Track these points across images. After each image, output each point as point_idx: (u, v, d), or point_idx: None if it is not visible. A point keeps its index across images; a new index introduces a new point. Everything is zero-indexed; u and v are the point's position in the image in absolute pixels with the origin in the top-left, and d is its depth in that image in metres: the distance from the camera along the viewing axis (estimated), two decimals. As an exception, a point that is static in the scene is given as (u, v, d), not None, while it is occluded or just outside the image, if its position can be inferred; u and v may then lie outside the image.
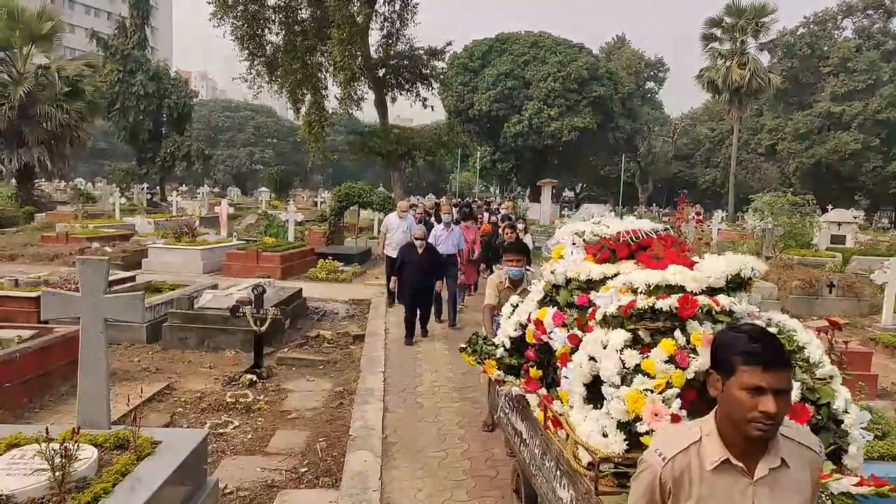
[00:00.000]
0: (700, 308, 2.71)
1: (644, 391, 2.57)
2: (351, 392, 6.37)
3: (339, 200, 18.61)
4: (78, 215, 20.83)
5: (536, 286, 3.88)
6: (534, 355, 3.61)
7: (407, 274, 8.56)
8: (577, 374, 2.90)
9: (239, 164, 61.54)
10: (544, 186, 32.52)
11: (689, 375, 2.58)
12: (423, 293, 8.64)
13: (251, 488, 4.31)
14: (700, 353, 2.60)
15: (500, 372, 3.88)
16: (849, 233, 19.21)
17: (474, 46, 46.84)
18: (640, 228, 3.65)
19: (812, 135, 43.97)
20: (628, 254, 3.52)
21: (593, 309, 3.02)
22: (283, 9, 23.12)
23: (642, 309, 2.75)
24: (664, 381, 2.57)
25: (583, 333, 3.09)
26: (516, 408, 3.83)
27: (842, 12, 47.62)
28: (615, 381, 2.65)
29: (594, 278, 3.35)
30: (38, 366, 5.91)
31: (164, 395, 6.16)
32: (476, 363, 4.20)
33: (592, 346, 2.85)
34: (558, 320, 3.35)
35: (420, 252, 8.58)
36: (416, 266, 8.50)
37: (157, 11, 58.73)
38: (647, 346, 2.70)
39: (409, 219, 11.03)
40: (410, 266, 8.53)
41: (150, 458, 3.02)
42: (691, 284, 2.79)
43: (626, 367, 2.66)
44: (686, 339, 2.65)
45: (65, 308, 3.46)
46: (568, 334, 3.20)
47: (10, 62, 23.42)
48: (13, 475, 2.70)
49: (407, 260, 8.60)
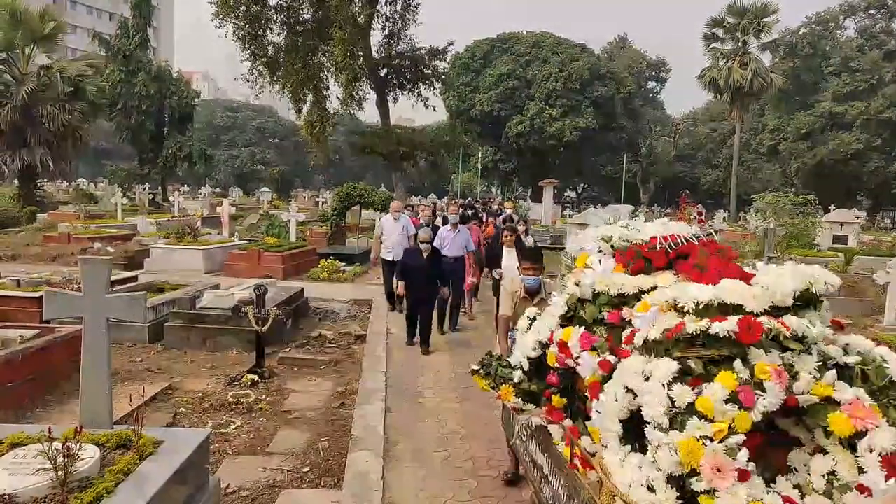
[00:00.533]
0: (765, 333, 2.27)
1: (701, 439, 2.11)
2: (353, 392, 6.37)
3: (340, 201, 18.64)
4: (80, 215, 20.87)
5: (557, 299, 3.41)
6: (556, 380, 3.18)
7: (411, 280, 8.05)
8: (612, 410, 2.48)
9: (241, 164, 61.62)
10: (546, 187, 32.51)
11: (755, 418, 2.13)
12: (427, 301, 8.18)
13: (253, 488, 4.31)
14: (768, 389, 2.15)
15: (519, 399, 3.45)
16: (851, 233, 19.20)
17: (476, 46, 46.90)
18: (679, 233, 3.21)
19: (814, 135, 43.95)
20: (666, 263, 3.09)
21: (631, 332, 2.62)
22: (284, 9, 23.14)
23: (693, 333, 2.31)
24: (726, 426, 2.11)
25: (616, 358, 2.70)
26: (535, 436, 3.38)
27: (844, 12, 47.60)
28: (662, 422, 2.21)
29: (627, 292, 2.97)
30: (41, 365, 5.91)
31: (166, 394, 6.16)
32: (490, 388, 3.72)
33: (630, 376, 2.43)
34: (586, 343, 2.90)
35: (425, 257, 8.05)
36: (421, 272, 7.97)
37: (159, 12, 58.86)
38: (698, 377, 2.26)
39: (403, 220, 10.40)
40: (415, 271, 8.00)
41: (153, 457, 3.02)
42: (751, 303, 2.37)
43: (676, 405, 2.21)
44: (749, 372, 2.21)
45: (67, 308, 3.46)
46: (599, 360, 2.77)
47: (13, 62, 23.47)
48: (15, 474, 2.70)
49: (411, 264, 8.09)
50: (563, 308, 3.25)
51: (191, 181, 51.55)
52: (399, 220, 10.21)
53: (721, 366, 2.25)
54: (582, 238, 3.65)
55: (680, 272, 2.96)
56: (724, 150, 52.53)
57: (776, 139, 46.74)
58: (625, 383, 2.43)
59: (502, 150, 46.76)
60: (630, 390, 2.40)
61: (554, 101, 43.04)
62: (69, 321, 6.95)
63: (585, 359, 2.83)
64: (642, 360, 2.44)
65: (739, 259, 3.32)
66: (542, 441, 3.26)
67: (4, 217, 21.54)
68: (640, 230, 3.35)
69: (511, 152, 46.10)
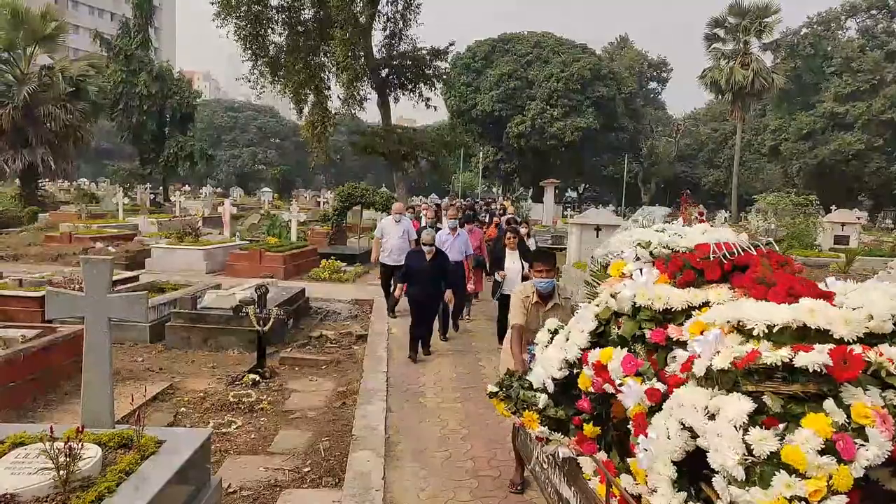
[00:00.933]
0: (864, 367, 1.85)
1: (794, 500, 1.71)
2: (354, 392, 6.37)
3: (341, 201, 18.66)
4: (81, 215, 20.89)
5: (584, 311, 3.02)
6: (589, 407, 2.80)
7: (413, 284, 7.77)
8: (664, 450, 2.10)
9: (242, 164, 61.67)
10: (547, 187, 32.49)
11: (856, 473, 1.71)
12: (430, 305, 7.88)
13: (254, 488, 4.32)
14: (871, 437, 1.74)
15: (545, 428, 3.03)
16: (852, 233, 19.18)
17: (477, 47, 46.93)
18: (733, 241, 2.81)
19: (815, 135, 43.92)
20: (720, 276, 2.68)
21: (688, 357, 2.19)
22: (286, 9, 23.16)
23: (770, 365, 1.91)
24: (823, 484, 1.71)
25: (664, 386, 2.32)
26: (561, 467, 3.00)
27: (845, 12, 47.56)
28: (737, 474, 1.81)
29: (675, 308, 2.55)
30: (42, 365, 5.93)
31: (168, 394, 6.17)
32: (511, 414, 3.28)
33: (689, 412, 2.05)
34: (630, 367, 2.49)
35: (428, 259, 7.76)
36: (424, 275, 7.68)
37: (161, 12, 58.92)
38: (774, 417, 1.86)
39: (405, 222, 10.06)
40: (418, 275, 7.72)
41: (154, 457, 3.03)
42: (841, 328, 1.96)
43: (755, 454, 1.80)
44: (847, 415, 1.79)
45: (69, 307, 3.47)
46: (645, 388, 2.37)
47: (14, 62, 23.52)
48: (17, 474, 2.71)
49: (414, 267, 7.81)
50: (593, 322, 2.87)
51: (192, 181, 51.58)
52: (400, 223, 9.89)
53: (805, 405, 1.85)
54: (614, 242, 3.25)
55: (737, 287, 2.55)
56: (725, 150, 52.52)
57: (777, 139, 46.72)
58: (681, 419, 2.05)
59: (503, 151, 46.78)
60: (688, 428, 2.02)
61: (555, 101, 43.04)
62: (71, 321, 6.96)
63: (631, 387, 2.41)
64: (704, 392, 2.04)
65: None
66: (569, 473, 2.89)
67: (6, 217, 21.57)
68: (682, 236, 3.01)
69: (512, 152, 46.13)
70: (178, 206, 27.29)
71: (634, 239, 3.12)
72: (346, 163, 61.67)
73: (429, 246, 7.82)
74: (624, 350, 2.59)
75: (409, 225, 10.13)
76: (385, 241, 9.83)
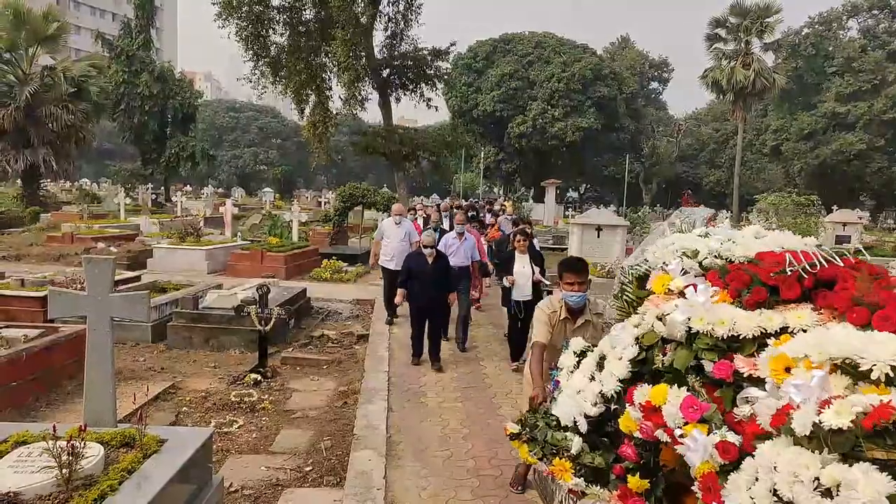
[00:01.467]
0: None
1: None
2: (355, 391, 6.38)
3: (343, 201, 18.67)
4: (83, 215, 20.93)
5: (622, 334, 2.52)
6: (635, 455, 2.27)
7: (414, 288, 7.41)
8: None
9: (243, 164, 61.71)
10: (548, 187, 32.49)
11: None
12: (433, 310, 7.41)
13: (256, 487, 4.33)
14: None
15: (580, 480, 2.43)
16: (854, 233, 19.17)
17: (478, 47, 46.93)
18: (811, 249, 2.34)
19: (817, 135, 43.89)
20: (800, 294, 2.17)
21: (783, 408, 1.68)
22: (287, 9, 23.17)
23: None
24: None
25: (738, 437, 1.84)
26: None
27: (847, 12, 47.52)
28: None
29: (743, 335, 2.07)
30: (44, 364, 5.94)
31: (169, 394, 6.19)
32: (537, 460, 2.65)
33: (786, 480, 1.57)
34: (693, 414, 1.97)
35: (430, 261, 7.41)
36: (425, 278, 7.31)
37: (162, 13, 58.90)
38: None
39: (406, 224, 9.65)
40: (419, 278, 7.34)
41: (156, 456, 3.04)
42: None
43: None
44: None
45: (71, 307, 3.48)
46: (716, 441, 1.85)
47: (16, 63, 23.57)
48: (20, 472, 2.72)
49: (415, 270, 7.42)
50: (634, 349, 2.40)
51: (194, 181, 51.67)
52: (401, 225, 9.50)
53: None
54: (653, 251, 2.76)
55: (824, 308, 2.07)
56: (726, 150, 52.49)
57: (779, 139, 46.68)
58: (774, 487, 1.58)
59: (504, 151, 46.78)
60: (786, 502, 1.55)
61: (556, 101, 43.04)
62: (73, 321, 6.97)
63: (696, 439, 1.90)
64: (811, 457, 1.55)
65: None
66: None
67: (8, 217, 21.62)
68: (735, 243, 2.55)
69: (513, 153, 46.13)
70: (180, 207, 27.33)
71: (678, 247, 2.63)
72: (347, 163, 61.71)
73: (430, 248, 7.44)
74: (682, 390, 2.06)
75: (410, 227, 9.74)
76: (385, 245, 9.45)
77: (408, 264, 7.59)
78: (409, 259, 7.71)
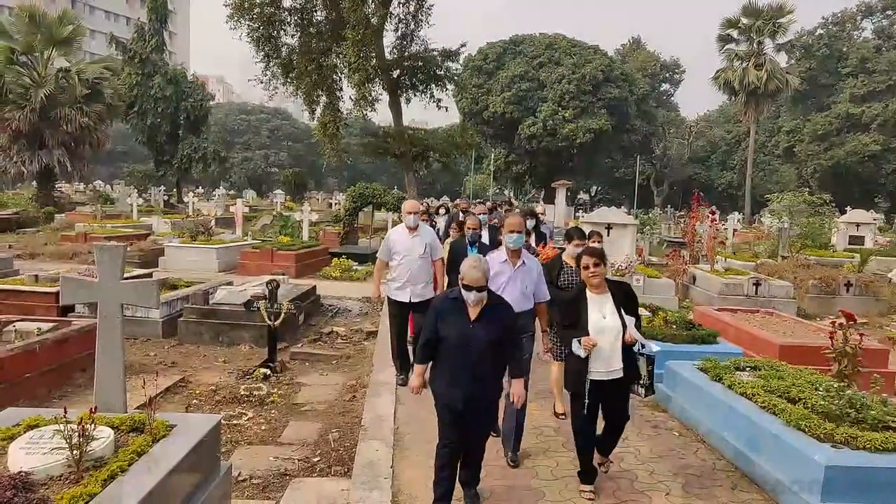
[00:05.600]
0: None
1: None
2: (363, 386, 6.40)
3: (353, 201, 18.73)
4: (96, 216, 21.14)
5: None
6: None
7: (444, 368, 3.85)
8: None
9: (254, 166, 62.04)
10: (559, 188, 32.41)
11: None
12: (475, 417, 3.85)
13: (264, 476, 4.36)
14: None
15: None
16: (868, 233, 19.00)
17: (488, 49, 46.91)
18: None
19: (830, 136, 43.50)
20: None
21: None
22: (298, 11, 23.30)
23: None
24: None
25: None
26: None
27: (861, 13, 47.14)
28: None
29: None
30: (57, 357, 6.01)
31: (180, 387, 6.24)
32: None
33: None
34: None
35: (474, 315, 3.79)
36: (467, 350, 3.75)
37: (175, 17, 59.37)
38: None
39: (426, 234, 6.41)
40: (454, 349, 3.78)
41: (165, 440, 3.07)
42: None
43: None
44: None
45: (83, 293, 3.53)
46: None
47: (32, 65, 23.86)
48: (32, 454, 2.76)
49: (445, 326, 3.81)
50: None
51: (205, 184, 51.97)
52: (419, 236, 6.29)
53: None
54: None
55: None
56: (738, 152, 52.14)
57: (792, 141, 46.31)
58: None
59: (515, 152, 46.71)
60: None
61: (567, 102, 42.92)
62: (85, 315, 7.05)
63: None
64: None
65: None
66: None
67: (23, 217, 21.87)
68: None
69: (523, 154, 46.04)
70: (191, 207, 27.55)
71: None
72: (357, 166, 61.82)
73: (476, 291, 3.75)
74: None
75: (432, 238, 6.52)
76: (396, 266, 6.24)
77: (435, 315, 3.89)
78: (438, 307, 3.94)
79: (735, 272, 12.17)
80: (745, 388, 4.87)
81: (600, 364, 4.07)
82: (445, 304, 3.92)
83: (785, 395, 4.65)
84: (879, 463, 3.77)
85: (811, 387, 4.69)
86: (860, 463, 3.76)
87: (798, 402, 4.49)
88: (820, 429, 4.02)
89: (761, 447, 4.38)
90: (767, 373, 5.24)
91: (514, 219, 4.98)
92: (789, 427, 4.20)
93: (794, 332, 7.56)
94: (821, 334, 7.10)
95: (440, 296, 4.47)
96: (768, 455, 4.30)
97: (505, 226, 4.95)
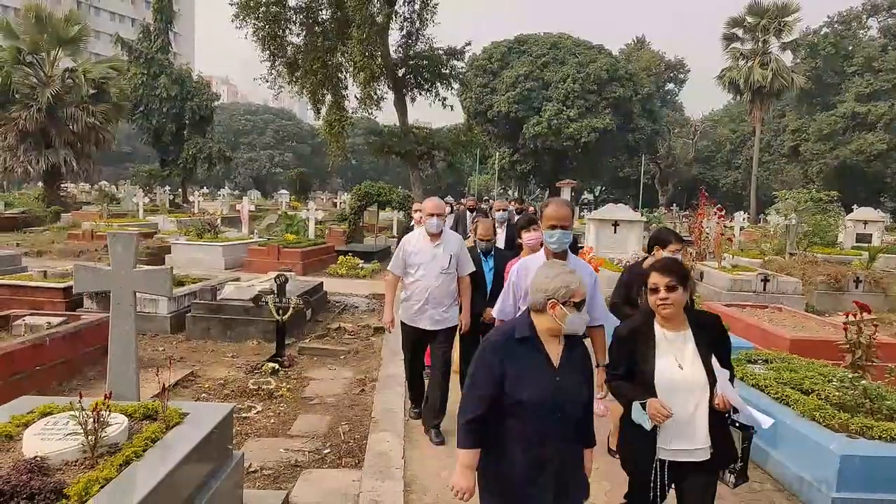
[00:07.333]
0: None
1: None
2: (372, 380, 6.40)
3: (358, 199, 18.74)
4: (103, 215, 21.19)
5: None
6: None
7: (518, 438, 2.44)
8: None
9: (259, 166, 62.17)
10: (563, 187, 32.42)
11: None
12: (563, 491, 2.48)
13: (275, 467, 4.35)
14: None
15: None
16: (875, 231, 18.92)
17: (493, 48, 46.94)
18: None
19: (836, 136, 43.36)
20: None
21: None
22: (303, 10, 23.32)
23: None
24: None
25: None
26: None
27: (867, 11, 46.98)
28: None
29: None
30: (67, 351, 6.03)
31: (189, 381, 6.24)
32: None
33: None
34: None
35: (559, 362, 2.48)
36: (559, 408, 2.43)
37: (181, 18, 59.62)
38: None
39: (452, 242, 4.98)
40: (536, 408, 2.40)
41: (179, 427, 3.07)
42: None
43: None
44: None
45: (96, 281, 3.54)
46: None
47: (38, 65, 23.94)
48: (47, 440, 2.76)
49: (516, 382, 2.42)
50: None
51: (210, 184, 52.10)
52: (442, 245, 4.91)
53: None
54: None
55: None
56: (743, 151, 52.03)
57: (797, 140, 46.18)
58: None
59: (519, 152, 46.69)
60: None
61: (571, 102, 42.89)
62: (95, 310, 7.06)
63: None
64: None
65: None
66: None
67: (30, 217, 21.95)
68: None
69: (528, 153, 46.02)
70: (197, 206, 27.61)
71: None
72: (362, 166, 61.95)
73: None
74: None
75: (459, 247, 5.03)
76: (411, 282, 4.99)
77: (498, 364, 2.47)
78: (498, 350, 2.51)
79: (743, 269, 12.13)
80: (757, 380, 4.85)
81: (675, 437, 2.71)
82: (508, 346, 2.47)
83: (798, 386, 4.63)
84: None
85: (824, 378, 4.67)
86: (876, 453, 3.74)
87: (811, 393, 4.47)
88: (834, 419, 4.00)
89: (775, 438, 4.36)
90: (779, 365, 5.22)
91: (557, 208, 3.50)
92: (803, 417, 4.17)
93: (805, 327, 7.52)
94: (831, 329, 7.07)
95: (493, 335, 2.67)
96: (782, 446, 4.28)
97: (543, 217, 3.54)
